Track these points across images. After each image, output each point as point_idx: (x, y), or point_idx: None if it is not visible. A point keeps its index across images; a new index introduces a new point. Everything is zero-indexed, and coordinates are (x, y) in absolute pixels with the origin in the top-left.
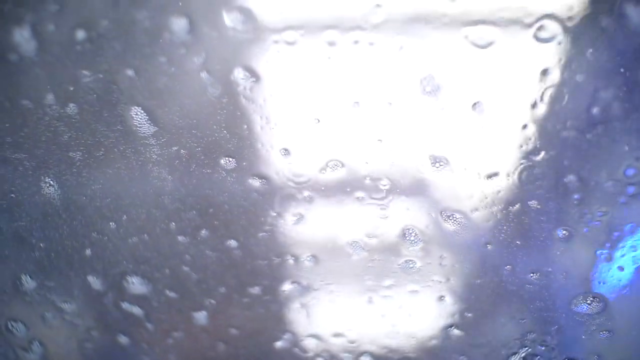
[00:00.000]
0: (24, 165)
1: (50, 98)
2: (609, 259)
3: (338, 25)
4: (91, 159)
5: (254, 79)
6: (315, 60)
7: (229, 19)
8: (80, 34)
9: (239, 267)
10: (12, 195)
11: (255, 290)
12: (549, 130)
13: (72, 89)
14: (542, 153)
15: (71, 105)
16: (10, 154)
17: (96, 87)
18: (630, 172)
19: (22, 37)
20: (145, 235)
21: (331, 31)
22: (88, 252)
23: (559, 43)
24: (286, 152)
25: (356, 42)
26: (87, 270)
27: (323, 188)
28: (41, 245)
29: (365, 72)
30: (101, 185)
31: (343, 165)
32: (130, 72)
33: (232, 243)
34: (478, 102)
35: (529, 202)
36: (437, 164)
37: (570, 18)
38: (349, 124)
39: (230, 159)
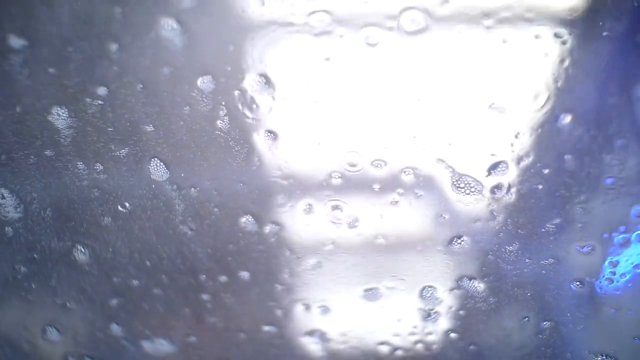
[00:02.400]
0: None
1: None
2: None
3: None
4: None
5: (274, 136)
6: (335, 116)
7: (248, 83)
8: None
9: (256, 310)
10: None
11: (271, 332)
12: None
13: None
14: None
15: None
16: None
17: (119, 142)
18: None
19: (58, 116)
20: (167, 281)
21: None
22: (114, 303)
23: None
24: (309, 207)
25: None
26: (112, 320)
27: (342, 241)
28: (66, 299)
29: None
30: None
31: (360, 222)
32: (150, 128)
33: (253, 288)
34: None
35: (542, 261)
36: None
37: None
38: (369, 180)
39: (249, 216)
